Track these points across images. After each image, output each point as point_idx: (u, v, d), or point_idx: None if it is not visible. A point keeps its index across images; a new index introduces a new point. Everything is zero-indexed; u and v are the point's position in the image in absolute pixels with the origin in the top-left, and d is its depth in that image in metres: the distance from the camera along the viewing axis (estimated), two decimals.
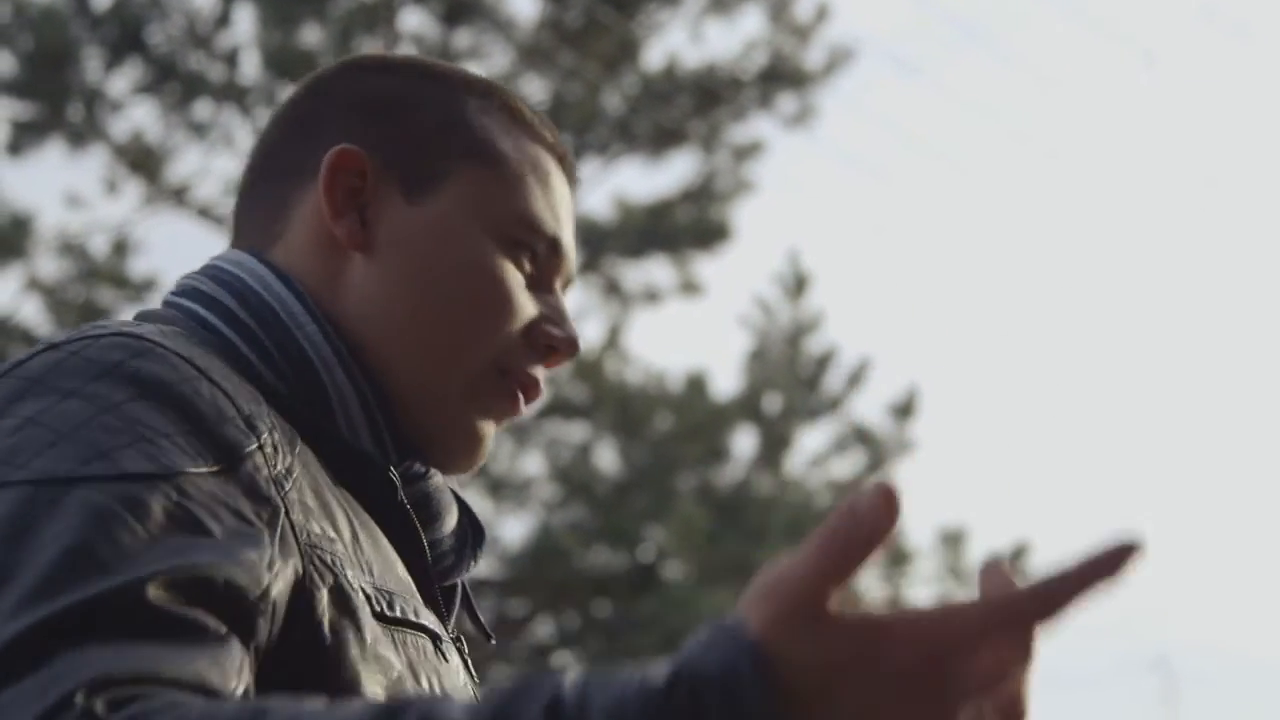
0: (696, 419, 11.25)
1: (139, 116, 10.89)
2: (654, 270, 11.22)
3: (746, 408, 11.61)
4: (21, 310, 10.44)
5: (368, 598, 1.14)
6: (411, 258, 1.31)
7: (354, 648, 1.11)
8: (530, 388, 1.34)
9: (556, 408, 11.47)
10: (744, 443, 11.66)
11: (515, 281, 1.32)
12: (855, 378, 11.91)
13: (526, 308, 1.33)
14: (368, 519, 1.22)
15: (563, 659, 11.65)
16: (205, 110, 10.55)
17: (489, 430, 1.34)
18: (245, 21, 10.56)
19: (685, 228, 11.03)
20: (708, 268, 15.44)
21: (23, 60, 10.31)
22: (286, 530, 1.09)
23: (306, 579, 1.09)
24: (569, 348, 1.34)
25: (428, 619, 1.22)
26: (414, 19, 10.79)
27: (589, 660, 11.42)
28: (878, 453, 11.69)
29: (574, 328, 1.36)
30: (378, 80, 1.37)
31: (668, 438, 11.23)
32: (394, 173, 1.32)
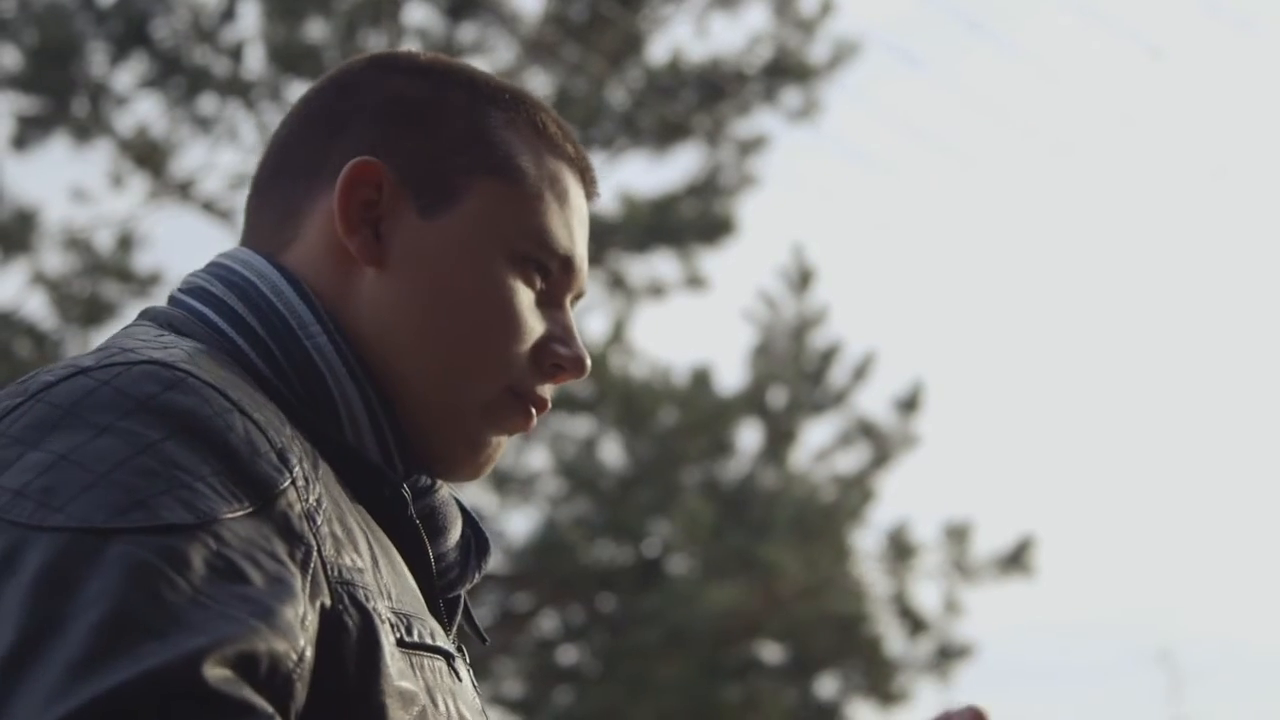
0: (701, 413, 11.24)
1: (144, 111, 10.92)
2: (659, 264, 11.23)
3: (751, 402, 11.60)
4: (27, 305, 10.45)
5: (392, 626, 1.15)
6: (425, 275, 1.30)
7: (380, 684, 1.11)
8: (540, 406, 1.34)
9: (561, 402, 11.47)
10: (749, 437, 11.66)
11: (526, 302, 1.32)
12: (860, 372, 11.91)
13: (535, 329, 1.33)
14: (381, 534, 1.22)
15: (568, 653, 11.66)
16: (210, 105, 10.55)
17: (498, 443, 1.34)
18: (250, 16, 10.56)
19: (690, 222, 11.03)
20: (712, 262, 15.44)
21: (28, 55, 10.31)
22: (318, 569, 1.10)
23: (335, 618, 1.10)
24: (576, 368, 1.34)
25: (441, 639, 1.22)
26: (419, 13, 10.80)
27: (594, 654, 11.43)
28: (883, 447, 11.68)
29: (582, 347, 1.35)
30: (403, 84, 1.36)
31: (672, 432, 11.22)
32: (410, 186, 1.31)
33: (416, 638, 1.17)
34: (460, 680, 1.23)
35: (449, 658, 1.22)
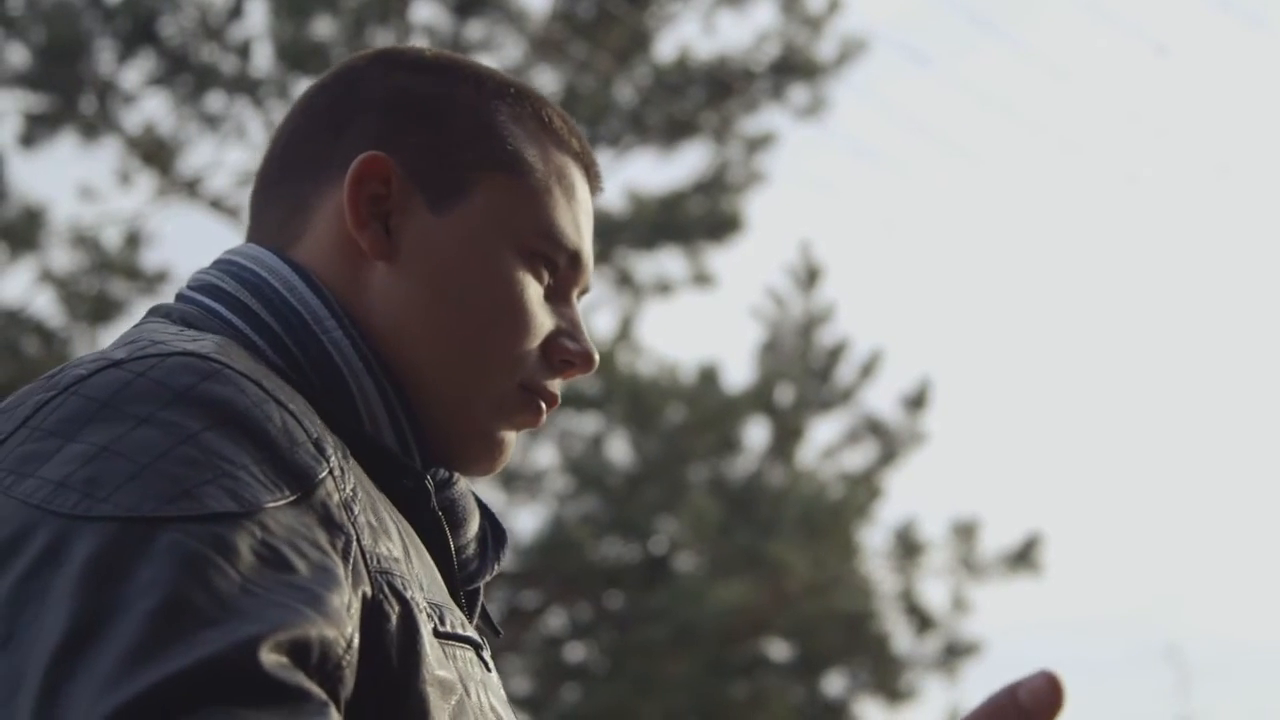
0: (708, 411, 11.24)
1: (151, 109, 10.93)
2: (666, 262, 11.23)
3: (758, 399, 11.60)
4: (34, 302, 10.46)
5: (427, 615, 1.15)
6: (435, 270, 1.30)
7: (422, 671, 1.12)
8: (551, 401, 1.35)
9: (568, 400, 11.47)
10: (756, 434, 11.67)
11: (535, 297, 1.32)
12: (867, 369, 11.90)
13: (546, 324, 1.33)
14: (408, 526, 1.22)
15: (575, 651, 11.67)
16: (218, 102, 10.56)
17: (511, 438, 1.35)
18: (257, 13, 10.60)
19: (697, 219, 11.02)
20: (720, 259, 15.48)
21: (35, 53, 10.32)
22: (358, 558, 1.10)
23: (376, 606, 1.10)
24: (585, 362, 1.35)
25: (469, 630, 1.23)
26: (426, 11, 10.80)
27: (602, 652, 11.44)
28: (890, 444, 11.68)
29: (590, 342, 1.36)
30: (409, 79, 1.35)
31: (680, 429, 11.22)
32: (419, 181, 1.31)
33: (449, 628, 1.18)
34: (489, 670, 1.24)
35: (478, 648, 1.23)
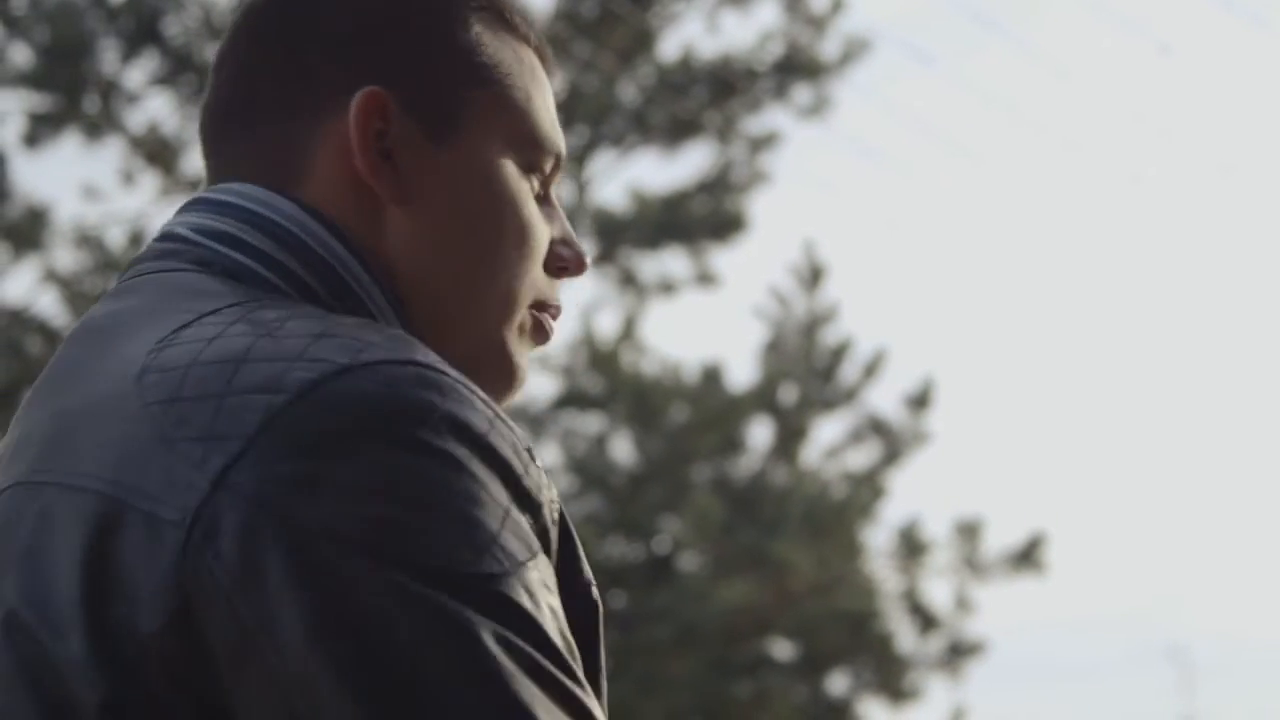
0: (712, 410, 11.25)
1: (155, 108, 10.91)
2: (669, 261, 11.24)
3: (762, 399, 11.61)
4: (38, 302, 10.47)
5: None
6: (451, 210, 1.24)
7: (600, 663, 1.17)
8: (557, 313, 1.32)
9: (572, 399, 11.48)
10: (759, 434, 11.67)
11: (538, 214, 1.29)
12: (871, 369, 11.90)
13: (547, 238, 1.30)
14: None
15: None
16: None
17: (527, 360, 1.31)
18: None
19: (701, 219, 11.03)
20: (723, 259, 15.47)
21: (39, 52, 10.33)
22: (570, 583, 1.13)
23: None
24: (579, 267, 1.32)
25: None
26: None
27: (605, 651, 11.43)
28: (893, 444, 11.69)
29: (581, 246, 1.33)
30: None
31: (683, 429, 11.23)
32: (415, 113, 1.24)
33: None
34: None
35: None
